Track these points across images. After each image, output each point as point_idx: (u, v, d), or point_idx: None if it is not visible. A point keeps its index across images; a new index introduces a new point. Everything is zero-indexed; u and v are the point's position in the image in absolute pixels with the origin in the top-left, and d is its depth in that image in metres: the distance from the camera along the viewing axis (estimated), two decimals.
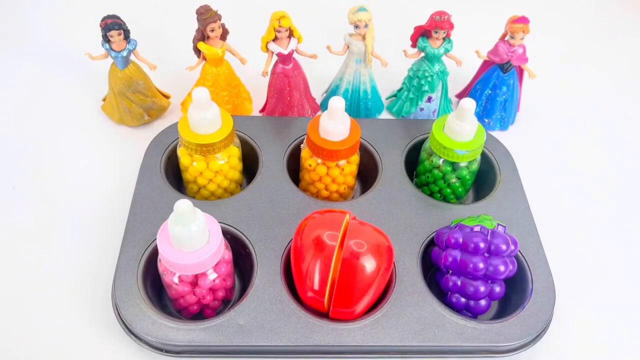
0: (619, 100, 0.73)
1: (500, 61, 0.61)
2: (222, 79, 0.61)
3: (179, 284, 0.42)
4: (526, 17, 0.58)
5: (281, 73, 0.59)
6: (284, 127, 0.58)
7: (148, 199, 0.51)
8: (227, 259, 0.44)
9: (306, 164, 0.52)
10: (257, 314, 0.43)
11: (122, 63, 0.58)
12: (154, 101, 0.63)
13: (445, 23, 0.57)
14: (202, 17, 0.55)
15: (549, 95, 0.73)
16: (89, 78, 0.69)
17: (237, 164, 0.53)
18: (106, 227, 0.53)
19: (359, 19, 0.56)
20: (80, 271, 0.50)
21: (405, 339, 0.43)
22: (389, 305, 0.45)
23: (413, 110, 0.65)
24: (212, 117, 0.48)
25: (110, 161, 0.60)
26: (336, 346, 0.42)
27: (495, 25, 0.64)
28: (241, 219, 0.50)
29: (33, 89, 0.68)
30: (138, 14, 0.68)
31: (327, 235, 0.43)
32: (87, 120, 0.65)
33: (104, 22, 0.55)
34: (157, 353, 0.43)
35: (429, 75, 0.62)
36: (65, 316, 0.47)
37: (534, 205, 0.54)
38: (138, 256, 0.46)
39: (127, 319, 0.43)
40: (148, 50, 0.61)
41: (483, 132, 0.51)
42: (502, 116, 0.66)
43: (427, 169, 0.54)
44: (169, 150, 0.55)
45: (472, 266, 0.44)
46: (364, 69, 0.62)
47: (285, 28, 0.55)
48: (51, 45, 0.75)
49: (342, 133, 0.49)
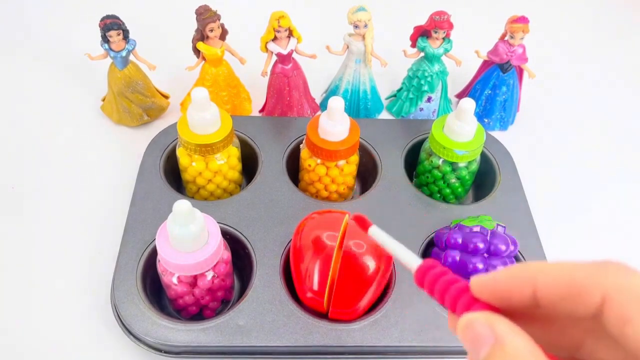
0: (619, 100, 0.73)
1: (500, 61, 0.61)
2: (222, 79, 0.61)
3: (178, 284, 0.42)
4: (526, 17, 0.58)
5: (280, 73, 0.59)
6: (283, 127, 0.58)
7: (147, 200, 0.51)
8: (226, 259, 0.44)
9: (305, 164, 0.52)
10: (256, 314, 0.43)
11: (122, 63, 0.58)
12: (153, 101, 0.63)
13: (444, 23, 0.57)
14: (201, 17, 0.55)
15: (549, 95, 0.73)
16: (88, 78, 0.69)
17: (236, 164, 0.53)
18: (105, 227, 0.53)
19: (359, 19, 0.56)
20: (79, 271, 0.50)
21: (405, 339, 0.43)
22: (388, 305, 0.44)
23: (413, 111, 0.65)
24: (211, 117, 0.48)
25: (110, 161, 0.60)
26: (336, 347, 0.42)
27: (495, 25, 0.64)
28: (240, 219, 0.50)
29: (32, 88, 0.68)
30: (137, 14, 0.68)
31: (327, 235, 0.43)
32: (87, 121, 0.65)
33: (103, 22, 0.55)
34: (156, 353, 0.43)
35: (429, 75, 0.62)
36: (65, 316, 0.47)
37: (533, 205, 0.54)
38: (137, 256, 0.46)
39: (126, 320, 0.43)
40: (147, 51, 0.61)
41: (483, 132, 0.51)
42: (501, 116, 0.66)
43: (427, 169, 0.54)
44: (168, 151, 0.55)
45: (472, 267, 0.44)
46: (364, 69, 0.62)
47: (284, 28, 0.55)
48: (51, 45, 0.75)
49: (341, 133, 0.49)
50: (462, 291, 0.22)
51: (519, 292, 0.20)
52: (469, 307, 0.21)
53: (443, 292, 0.22)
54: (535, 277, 0.20)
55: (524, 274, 0.20)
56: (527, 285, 0.20)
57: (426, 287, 0.23)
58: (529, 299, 0.20)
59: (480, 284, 0.21)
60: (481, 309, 0.21)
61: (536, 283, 0.20)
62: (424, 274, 0.23)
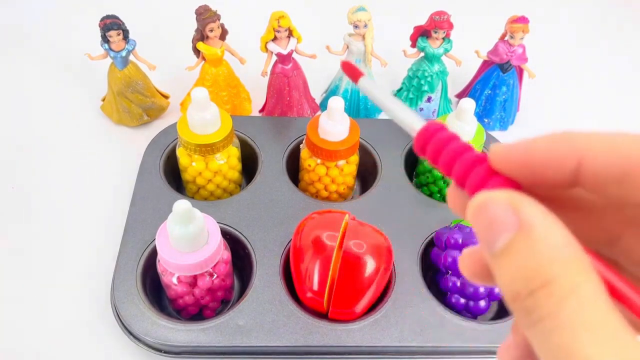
0: (619, 100, 0.73)
1: (500, 61, 0.61)
2: (222, 79, 0.61)
3: (178, 284, 0.42)
4: (526, 17, 0.58)
5: (280, 73, 0.59)
6: (283, 128, 0.58)
7: (147, 200, 0.51)
8: (226, 259, 0.44)
9: (305, 164, 0.52)
10: (256, 314, 0.43)
11: (121, 63, 0.58)
12: (153, 101, 0.63)
13: (444, 23, 0.57)
14: (201, 17, 0.55)
15: (549, 95, 0.73)
16: (88, 78, 0.69)
17: (236, 164, 0.53)
18: (105, 227, 0.53)
19: (359, 19, 0.56)
20: (79, 271, 0.50)
21: (405, 339, 0.43)
22: (388, 305, 0.44)
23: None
24: (211, 117, 0.48)
25: (110, 161, 0.60)
26: (335, 347, 0.42)
27: (495, 25, 0.64)
28: (240, 219, 0.50)
29: (32, 88, 0.68)
30: (137, 14, 0.68)
31: (327, 235, 0.43)
32: (86, 121, 0.64)
33: (103, 22, 0.55)
34: (156, 354, 0.43)
35: (429, 75, 0.62)
36: (64, 316, 0.47)
37: None
38: (137, 256, 0.46)
39: (126, 320, 0.43)
40: (147, 51, 0.61)
41: (483, 132, 0.51)
42: (501, 116, 0.66)
43: (427, 169, 0.54)
44: (168, 151, 0.55)
45: None
46: (364, 69, 0.62)
47: (284, 28, 0.55)
48: (51, 45, 0.75)
49: (341, 133, 0.49)
50: (477, 161, 0.17)
51: (558, 165, 0.16)
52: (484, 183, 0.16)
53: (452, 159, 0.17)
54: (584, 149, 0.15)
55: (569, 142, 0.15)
56: (572, 157, 0.15)
57: (429, 153, 0.18)
58: (570, 176, 0.15)
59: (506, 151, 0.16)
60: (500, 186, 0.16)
61: (584, 156, 0.15)
62: (428, 138, 0.18)
